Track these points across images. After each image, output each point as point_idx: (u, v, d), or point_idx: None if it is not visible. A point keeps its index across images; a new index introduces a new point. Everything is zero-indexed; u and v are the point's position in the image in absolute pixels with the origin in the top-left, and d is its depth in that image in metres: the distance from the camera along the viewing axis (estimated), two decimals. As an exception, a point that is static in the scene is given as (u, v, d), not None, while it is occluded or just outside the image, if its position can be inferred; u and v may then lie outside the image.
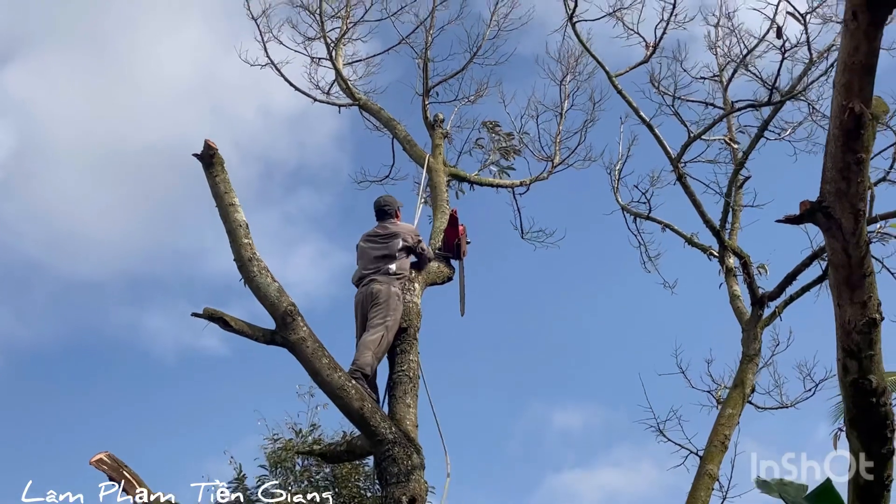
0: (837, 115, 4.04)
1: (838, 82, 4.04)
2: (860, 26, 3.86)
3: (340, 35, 13.46)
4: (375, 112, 13.15)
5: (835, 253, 4.34)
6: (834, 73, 9.11)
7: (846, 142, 4.04)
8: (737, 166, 11.43)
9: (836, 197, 4.17)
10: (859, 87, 3.96)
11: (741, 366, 10.41)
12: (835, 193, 4.17)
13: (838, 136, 4.05)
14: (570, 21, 11.16)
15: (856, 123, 3.97)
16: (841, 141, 4.05)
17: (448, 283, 10.41)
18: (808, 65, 10.95)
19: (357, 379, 8.29)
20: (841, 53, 4.00)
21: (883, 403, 4.69)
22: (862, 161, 4.11)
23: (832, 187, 4.17)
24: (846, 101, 3.97)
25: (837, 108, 4.04)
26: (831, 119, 4.12)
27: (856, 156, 4.06)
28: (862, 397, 4.66)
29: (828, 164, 4.17)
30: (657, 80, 11.64)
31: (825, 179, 4.20)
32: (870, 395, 4.63)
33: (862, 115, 3.94)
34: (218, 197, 8.02)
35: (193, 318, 7.76)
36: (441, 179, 11.70)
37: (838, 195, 4.16)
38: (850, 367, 4.59)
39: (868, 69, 3.96)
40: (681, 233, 12.06)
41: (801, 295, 10.57)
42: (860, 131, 4.00)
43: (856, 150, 4.05)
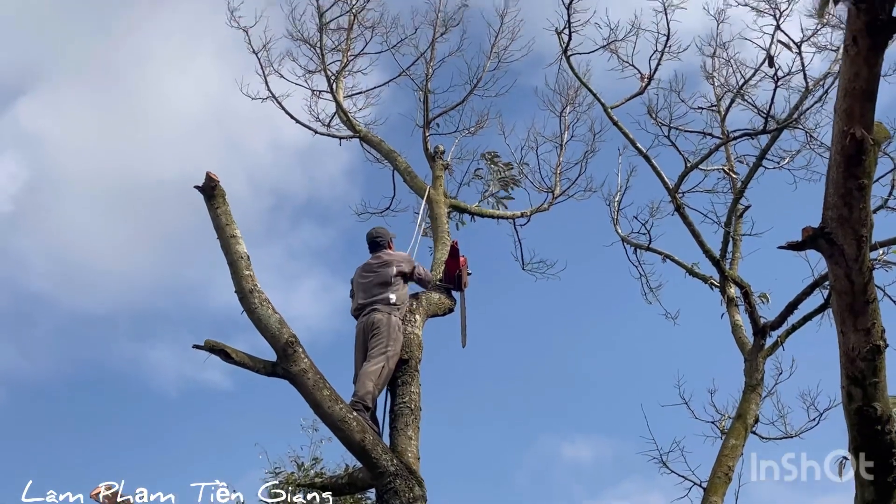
0: (839, 141, 4.04)
1: (839, 108, 4.05)
2: (860, 52, 3.88)
3: (341, 68, 13.52)
4: (376, 144, 13.19)
5: (838, 279, 4.34)
6: (832, 101, 9.14)
7: (848, 167, 4.05)
8: (736, 196, 11.45)
9: (838, 223, 4.17)
10: (860, 113, 3.97)
11: (744, 396, 10.39)
12: (837, 219, 4.17)
13: (840, 162, 4.05)
14: (565, 55, 11.23)
15: (857, 149, 3.98)
16: (842, 167, 4.05)
17: (449, 314, 10.37)
18: (804, 93, 11.01)
19: (358, 411, 8.24)
20: (841, 79, 4.01)
21: (888, 431, 4.67)
22: (864, 187, 4.11)
23: (834, 213, 4.17)
24: (847, 126, 3.98)
25: (839, 133, 4.04)
26: (832, 144, 4.13)
27: (857, 182, 4.07)
28: (867, 425, 4.64)
29: (829, 189, 4.17)
30: (654, 111, 11.69)
31: (827, 205, 4.20)
32: (875, 423, 4.62)
33: (863, 141, 3.94)
34: (219, 229, 8.02)
35: (196, 350, 7.73)
36: (442, 211, 11.71)
37: (840, 221, 4.16)
38: (855, 394, 4.58)
39: (869, 95, 3.97)
40: (681, 263, 12.06)
41: (803, 324, 10.55)
42: (862, 157, 4.00)
43: (857, 175, 4.05)
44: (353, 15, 13.76)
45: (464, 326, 10.52)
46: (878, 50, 3.92)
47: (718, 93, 12.50)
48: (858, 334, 4.40)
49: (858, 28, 3.83)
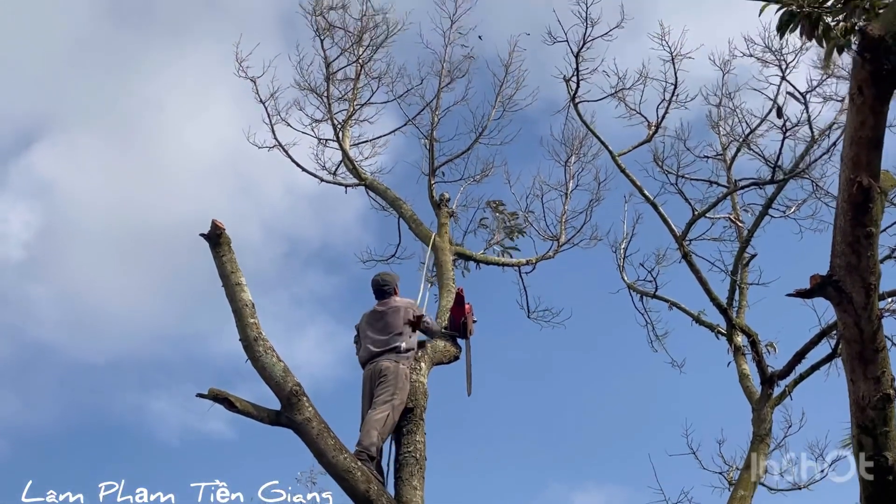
0: (846, 189, 4.04)
1: (846, 156, 4.06)
2: (866, 101, 3.89)
3: (347, 117, 13.61)
4: (381, 192, 13.22)
5: (847, 327, 4.31)
6: (838, 151, 9.18)
7: (855, 215, 4.04)
8: (742, 244, 11.46)
9: (846, 271, 4.16)
10: (867, 161, 3.98)
11: (752, 446, 10.33)
12: (845, 267, 4.16)
13: (847, 210, 4.05)
14: (573, 102, 11.31)
15: (864, 197, 3.98)
16: (850, 214, 4.05)
17: (455, 362, 10.31)
18: (811, 143, 11.05)
19: (363, 460, 8.18)
20: (848, 127, 4.02)
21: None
22: (871, 235, 4.11)
23: (842, 261, 4.16)
24: (854, 174, 3.98)
25: (846, 181, 4.04)
26: (839, 192, 4.13)
27: (865, 229, 4.06)
28: (878, 474, 4.59)
29: (837, 237, 4.17)
30: (661, 159, 11.75)
31: (835, 253, 4.19)
32: (886, 473, 4.57)
33: (870, 189, 3.94)
34: (224, 276, 8.02)
35: (199, 399, 7.70)
36: (447, 258, 11.70)
37: (849, 269, 4.15)
38: (866, 443, 4.54)
39: (875, 143, 3.98)
40: (688, 311, 12.04)
41: (810, 374, 10.51)
42: (869, 205, 4.00)
43: (865, 223, 4.04)
44: (360, 65, 13.86)
45: (469, 374, 10.45)
46: (884, 99, 3.94)
47: (724, 142, 12.55)
48: (868, 383, 4.36)
49: (864, 77, 3.85)
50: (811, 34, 5.02)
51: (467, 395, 10.49)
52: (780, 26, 5.10)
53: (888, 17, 3.81)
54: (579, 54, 11.47)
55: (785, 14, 5.01)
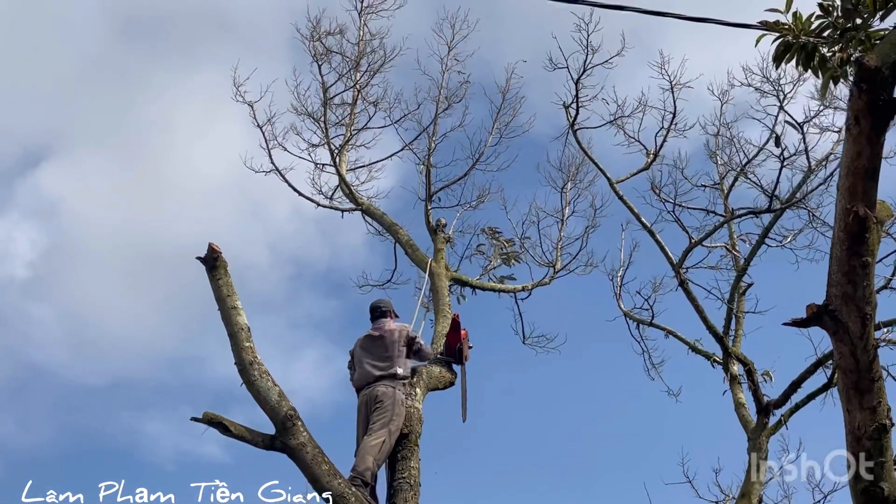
0: (842, 219, 4.06)
1: (842, 186, 4.07)
2: (863, 131, 3.91)
3: (344, 142, 13.60)
4: (378, 217, 13.24)
5: (843, 357, 4.31)
6: (835, 180, 9.22)
7: (851, 245, 4.06)
8: (739, 273, 11.48)
9: (842, 300, 4.17)
10: (863, 191, 3.99)
11: (748, 476, 10.29)
12: (841, 297, 4.17)
13: (843, 240, 4.06)
14: (572, 129, 11.35)
15: (860, 227, 3.99)
16: (846, 244, 4.06)
17: (450, 388, 10.29)
18: (808, 173, 11.10)
19: (357, 486, 8.14)
20: (844, 158, 4.04)
21: (897, 512, 4.60)
22: (867, 265, 4.12)
23: (838, 291, 4.17)
24: (850, 204, 3.99)
25: (842, 211, 4.06)
26: (836, 222, 4.14)
27: (861, 259, 4.07)
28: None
29: (833, 267, 4.18)
30: (658, 188, 11.77)
31: (831, 283, 4.20)
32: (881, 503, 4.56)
33: (866, 219, 3.96)
34: (220, 300, 8.01)
35: (193, 423, 7.68)
36: (443, 284, 11.70)
37: (845, 299, 4.16)
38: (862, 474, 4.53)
39: (871, 173, 4.00)
40: (684, 339, 12.04)
41: (806, 403, 10.53)
42: (865, 235, 4.01)
43: (861, 253, 4.06)
44: (357, 90, 13.87)
45: (464, 400, 10.44)
46: (880, 130, 3.96)
47: (722, 171, 12.61)
48: (864, 413, 4.36)
49: (860, 108, 3.87)
50: (807, 65, 5.05)
51: (462, 420, 10.49)
52: (776, 56, 5.13)
53: (884, 48, 3.84)
54: (579, 81, 11.54)
55: (781, 45, 5.05)
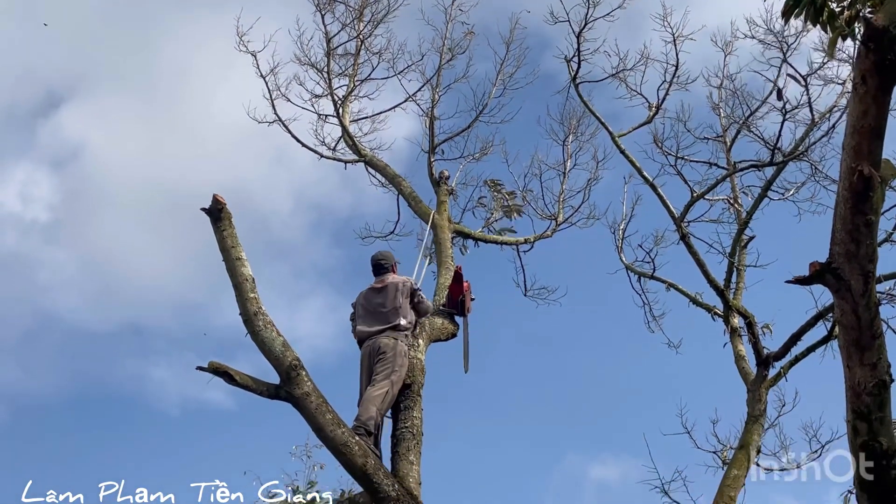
0: (847, 177, 4.08)
1: (847, 144, 4.09)
2: (869, 90, 3.92)
3: (347, 93, 13.58)
4: (381, 168, 13.23)
5: (844, 314, 4.36)
6: (837, 134, 9.18)
7: (855, 204, 4.08)
8: (741, 226, 11.49)
9: (845, 258, 4.20)
10: (868, 150, 4.01)
11: (746, 427, 10.40)
12: (844, 255, 4.20)
13: (847, 198, 4.09)
14: (574, 83, 11.32)
15: (865, 186, 4.02)
16: (850, 203, 4.09)
17: (452, 339, 10.38)
18: (811, 126, 11.06)
19: (360, 435, 8.23)
20: (850, 116, 4.06)
21: (893, 466, 4.67)
22: (871, 223, 4.15)
23: (842, 249, 4.20)
24: (855, 163, 4.02)
25: (847, 170, 4.08)
26: (840, 181, 4.17)
27: (865, 218, 4.10)
28: (872, 460, 4.65)
29: (837, 225, 4.21)
30: (660, 141, 11.76)
31: (834, 241, 4.23)
32: (880, 458, 4.63)
33: (871, 178, 3.98)
34: (225, 251, 8.03)
35: (199, 370, 7.74)
36: (446, 236, 11.74)
37: (848, 257, 4.19)
38: (860, 428, 4.60)
39: (877, 132, 4.01)
40: (685, 292, 12.06)
41: (806, 355, 10.58)
42: (869, 193, 4.04)
43: (865, 212, 4.09)
44: (361, 41, 13.83)
45: (466, 351, 10.55)
46: (887, 89, 3.97)
47: (724, 123, 12.54)
48: (864, 369, 4.42)
49: (867, 67, 3.88)
50: (816, 20, 5.03)
51: (464, 371, 10.61)
52: (785, 11, 5.11)
53: (892, 7, 3.83)
54: (581, 34, 11.48)
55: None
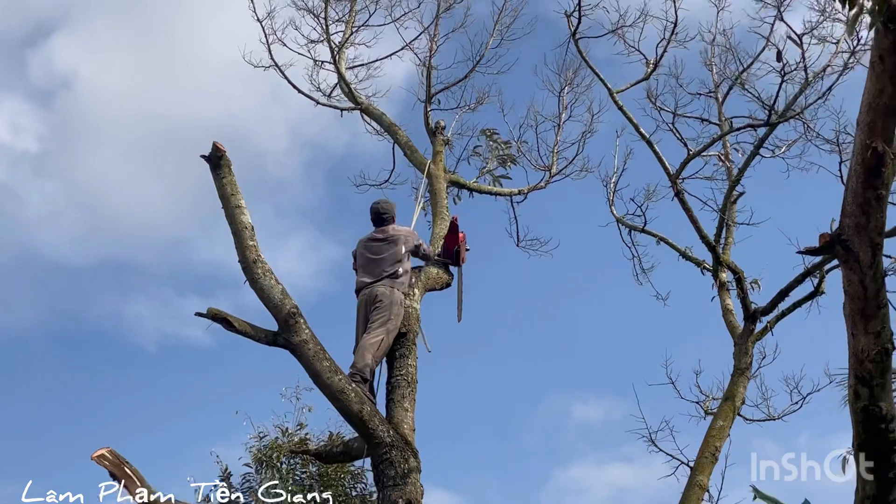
0: (860, 153, 4.20)
1: (862, 121, 4.20)
2: (886, 69, 4.02)
3: (344, 39, 13.53)
4: (377, 117, 13.23)
5: (851, 284, 4.50)
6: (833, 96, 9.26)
7: (867, 178, 4.20)
8: (732, 183, 11.61)
9: (855, 231, 4.33)
10: (882, 127, 4.12)
11: (732, 379, 10.60)
12: (854, 227, 4.33)
13: (860, 173, 4.21)
14: (574, 38, 11.33)
15: (878, 161, 4.14)
16: (862, 177, 4.21)
17: (447, 289, 10.51)
18: (804, 85, 11.13)
19: (357, 382, 8.38)
20: (866, 94, 4.15)
21: (892, 430, 4.87)
22: (882, 197, 4.28)
23: (852, 221, 4.33)
24: (869, 140, 4.13)
25: (860, 145, 4.19)
26: (853, 155, 4.28)
27: (876, 192, 4.23)
28: (872, 423, 4.84)
29: (848, 198, 4.33)
30: (654, 96, 11.82)
31: (845, 213, 4.36)
32: (879, 422, 4.82)
33: (884, 154, 4.10)
34: (224, 199, 8.08)
35: (176, 306, 7.84)
36: (441, 186, 11.80)
37: (857, 229, 4.32)
38: (862, 393, 4.77)
39: (892, 110, 4.12)
40: (675, 246, 12.18)
41: (792, 311, 10.78)
42: (881, 169, 4.16)
43: (876, 186, 4.21)
44: (359, -15, 13.78)
45: (460, 301, 10.70)
46: (905, 68, 4.07)
47: (717, 79, 12.61)
48: (868, 337, 4.57)
49: (886, 47, 3.97)
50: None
51: (458, 320, 10.76)
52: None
53: (914, -11, 3.93)
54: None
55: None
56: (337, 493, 15.30)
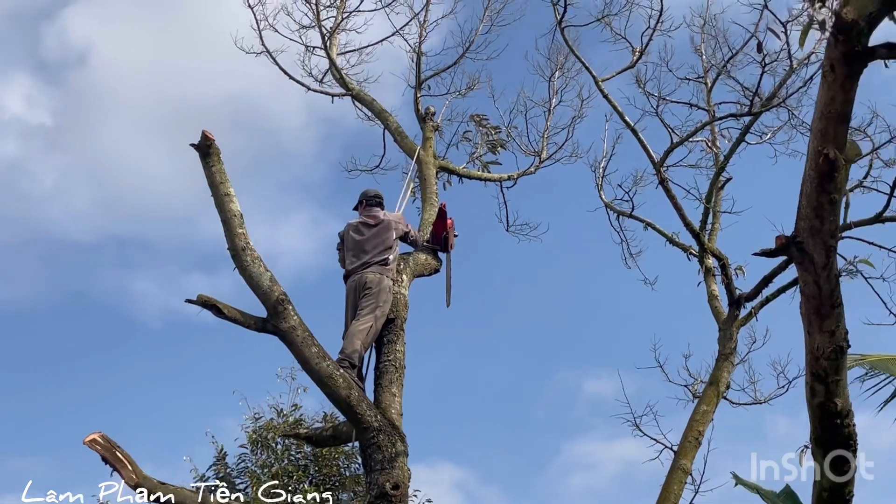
0: (813, 158, 4.31)
1: (815, 128, 4.32)
2: (837, 78, 4.14)
3: (335, 25, 13.57)
4: (368, 103, 13.30)
5: (807, 284, 4.63)
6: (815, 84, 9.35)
7: (820, 183, 4.32)
8: (718, 169, 11.69)
9: (809, 233, 4.45)
10: (834, 134, 4.24)
11: (717, 364, 10.70)
12: (808, 230, 4.44)
13: (813, 178, 4.33)
14: (559, 26, 11.40)
15: (830, 167, 4.25)
16: (816, 182, 4.33)
17: (435, 274, 10.62)
18: (788, 73, 11.19)
19: (345, 368, 8.50)
20: (818, 102, 4.27)
21: (846, 425, 5.01)
22: (835, 202, 4.40)
23: (806, 224, 4.45)
24: (822, 146, 4.24)
25: (813, 152, 4.31)
26: (807, 161, 4.40)
27: (829, 196, 4.35)
28: (828, 419, 4.98)
29: (803, 202, 4.45)
30: (642, 82, 11.90)
31: (800, 216, 4.48)
32: (835, 417, 4.96)
33: (836, 160, 4.21)
34: (214, 186, 8.19)
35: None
36: (431, 172, 11.89)
37: (812, 232, 4.44)
38: (818, 390, 4.90)
39: (843, 118, 4.24)
40: (662, 232, 12.27)
41: (776, 297, 10.87)
42: (834, 174, 4.28)
43: (829, 191, 4.33)
44: (349, -29, 13.81)
45: (449, 287, 10.80)
46: (854, 77, 4.18)
47: (706, 65, 12.65)
48: (823, 335, 4.69)
49: (836, 57, 4.09)
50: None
51: (446, 306, 10.88)
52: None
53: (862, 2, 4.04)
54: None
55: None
56: (331, 472, 15.52)
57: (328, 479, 15.43)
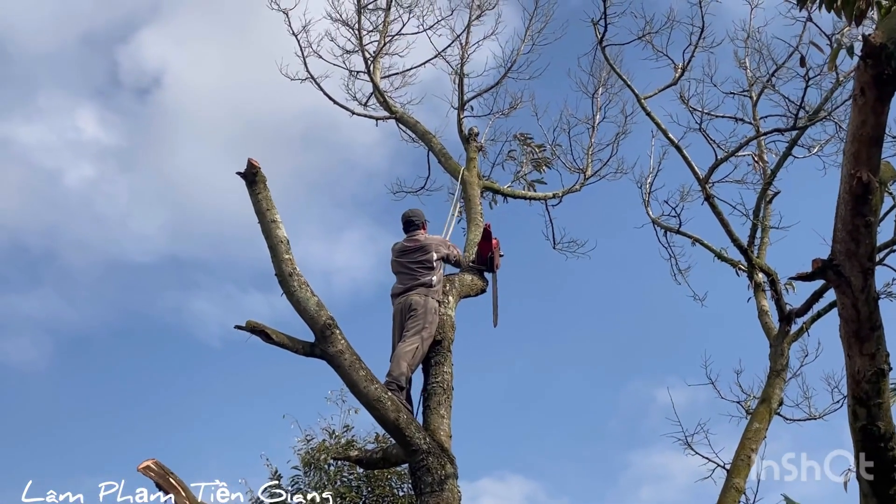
0: (847, 181, 4.29)
1: (847, 151, 4.29)
2: (868, 102, 4.11)
3: (378, 49, 13.72)
4: (412, 125, 13.41)
5: (845, 308, 4.59)
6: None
7: (855, 206, 4.29)
8: (765, 183, 11.57)
9: (846, 256, 4.42)
10: (867, 157, 4.22)
11: (768, 381, 10.56)
12: (845, 253, 4.41)
13: (848, 201, 4.30)
14: (601, 45, 11.38)
15: (864, 190, 4.22)
16: (850, 205, 4.30)
17: (481, 295, 10.63)
18: (833, 87, 11.09)
19: (392, 390, 8.54)
20: (850, 125, 4.25)
21: (891, 448, 4.95)
22: (870, 224, 4.36)
23: (842, 247, 4.42)
24: (855, 169, 4.22)
25: (847, 175, 4.29)
26: (841, 184, 4.38)
27: (864, 219, 4.31)
28: (871, 442, 4.92)
29: (838, 225, 4.42)
30: (686, 98, 11.83)
31: (836, 239, 4.45)
32: (878, 441, 4.90)
33: (869, 183, 4.19)
34: (260, 214, 8.30)
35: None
36: (475, 192, 11.93)
37: (848, 255, 4.41)
38: (860, 413, 4.85)
39: (875, 140, 4.21)
40: (710, 247, 12.12)
41: (827, 311, 10.70)
42: (868, 196, 4.25)
43: (864, 213, 4.30)
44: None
45: (496, 307, 10.78)
46: (884, 100, 4.16)
47: (751, 78, 12.55)
48: (864, 358, 4.65)
49: (866, 80, 4.07)
50: (830, 6, 5.17)
51: (494, 325, 10.86)
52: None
53: (891, 23, 4.02)
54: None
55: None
56: (384, 492, 15.55)
57: (381, 499, 15.46)
